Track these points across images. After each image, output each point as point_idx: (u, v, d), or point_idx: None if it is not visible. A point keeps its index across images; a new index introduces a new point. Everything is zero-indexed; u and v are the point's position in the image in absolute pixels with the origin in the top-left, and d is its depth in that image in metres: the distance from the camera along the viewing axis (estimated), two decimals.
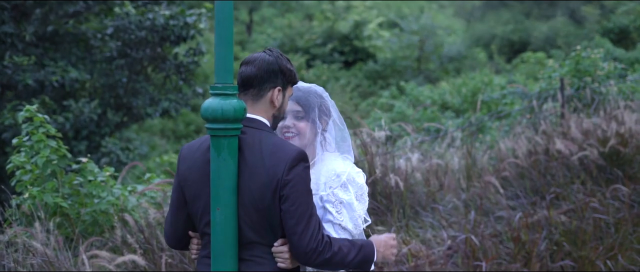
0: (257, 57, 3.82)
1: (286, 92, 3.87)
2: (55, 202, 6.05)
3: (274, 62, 3.79)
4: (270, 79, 3.79)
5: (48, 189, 6.13)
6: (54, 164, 6.14)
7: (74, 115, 12.23)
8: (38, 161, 6.09)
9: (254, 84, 3.78)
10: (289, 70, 3.84)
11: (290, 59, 3.93)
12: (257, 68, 3.77)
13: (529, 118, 10.56)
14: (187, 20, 12.87)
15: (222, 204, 3.74)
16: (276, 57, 3.81)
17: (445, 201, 8.51)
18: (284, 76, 3.82)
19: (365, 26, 34.32)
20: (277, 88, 3.79)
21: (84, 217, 6.30)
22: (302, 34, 34.83)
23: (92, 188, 6.41)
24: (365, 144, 7.97)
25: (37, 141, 6.16)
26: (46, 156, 6.08)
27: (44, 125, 6.27)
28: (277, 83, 3.80)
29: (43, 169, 6.11)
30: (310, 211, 3.64)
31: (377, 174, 7.81)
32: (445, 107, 18.49)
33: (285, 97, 3.88)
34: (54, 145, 6.22)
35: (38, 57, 12.70)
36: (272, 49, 3.87)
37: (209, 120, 3.74)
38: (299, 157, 3.65)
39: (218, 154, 3.73)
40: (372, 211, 7.88)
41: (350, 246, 3.76)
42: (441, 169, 8.93)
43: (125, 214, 6.30)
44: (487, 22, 33.31)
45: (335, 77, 30.67)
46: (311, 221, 3.62)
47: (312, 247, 3.60)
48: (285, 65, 3.82)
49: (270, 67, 3.78)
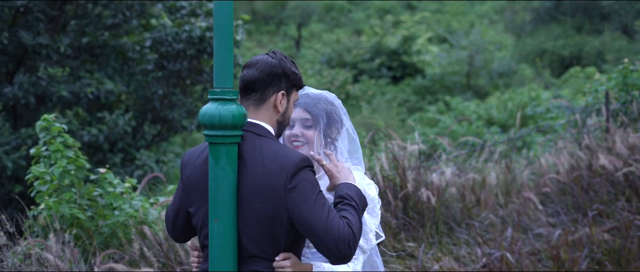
0: (260, 59, 3.62)
1: (291, 96, 3.66)
2: (72, 213, 5.92)
3: (277, 65, 3.59)
4: (273, 82, 3.58)
5: (65, 200, 6.00)
6: (71, 174, 6.00)
7: (108, 128, 12.19)
8: (55, 171, 5.96)
9: (256, 88, 3.58)
10: (293, 74, 3.63)
11: (295, 62, 3.72)
12: (259, 71, 3.57)
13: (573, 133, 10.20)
14: None
15: (221, 215, 3.54)
16: (280, 59, 3.61)
17: (482, 217, 8.22)
18: (288, 80, 3.61)
19: (413, 41, 34.03)
20: (280, 92, 3.59)
21: (103, 230, 6.16)
22: (350, 49, 34.64)
23: (111, 199, 6.26)
24: (396, 157, 7.73)
25: (54, 150, 6.03)
26: (63, 166, 5.95)
27: (62, 134, 6.14)
28: (281, 87, 3.59)
29: (60, 180, 5.97)
30: (325, 209, 3.38)
31: (409, 188, 7.56)
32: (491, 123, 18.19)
33: (290, 103, 3.67)
34: (72, 155, 6.08)
35: (74, 68, 12.71)
36: (276, 51, 3.67)
37: (206, 126, 3.55)
38: (302, 163, 3.43)
39: (216, 162, 3.53)
40: (403, 226, 7.64)
41: (353, 212, 3.48)
42: (478, 184, 8.64)
43: (145, 226, 6.15)
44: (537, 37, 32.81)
45: (382, 92, 30.42)
46: (330, 219, 3.36)
47: (346, 237, 3.35)
48: (289, 68, 3.61)
49: (273, 70, 3.58)
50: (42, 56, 11.93)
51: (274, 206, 3.42)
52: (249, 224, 3.49)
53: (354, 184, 3.62)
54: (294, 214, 3.38)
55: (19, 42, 11.67)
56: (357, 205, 3.53)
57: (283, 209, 3.41)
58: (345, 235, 3.35)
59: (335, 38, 37.72)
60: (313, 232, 3.37)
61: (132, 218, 6.26)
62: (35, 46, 11.68)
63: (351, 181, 3.64)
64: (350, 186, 3.61)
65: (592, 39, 31.07)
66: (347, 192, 3.56)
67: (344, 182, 3.63)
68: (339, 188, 3.61)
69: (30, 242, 5.69)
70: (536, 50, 31.73)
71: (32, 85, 11.61)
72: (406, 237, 7.60)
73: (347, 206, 3.50)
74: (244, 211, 3.50)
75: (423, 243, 7.43)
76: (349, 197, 3.53)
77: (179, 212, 3.77)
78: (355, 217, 3.45)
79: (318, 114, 3.95)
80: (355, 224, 3.43)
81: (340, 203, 3.52)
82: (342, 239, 3.34)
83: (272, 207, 3.42)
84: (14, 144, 11.15)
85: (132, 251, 6.04)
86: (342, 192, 3.56)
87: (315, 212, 3.36)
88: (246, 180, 3.48)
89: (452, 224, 8.02)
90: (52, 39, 12.05)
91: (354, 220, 3.44)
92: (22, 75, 11.65)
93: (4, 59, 12.06)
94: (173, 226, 3.81)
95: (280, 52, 3.67)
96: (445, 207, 8.12)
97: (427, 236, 7.59)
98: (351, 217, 3.44)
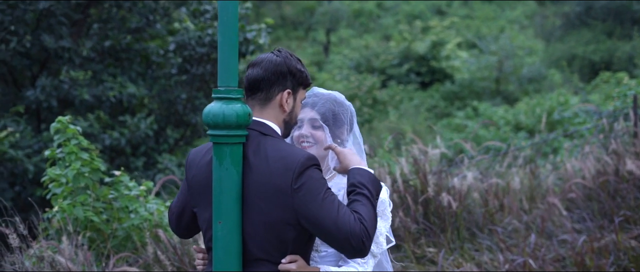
0: (264, 58, 3.53)
1: (297, 95, 3.57)
2: (86, 216, 5.86)
3: (282, 63, 3.50)
4: (278, 81, 3.50)
5: (79, 202, 5.94)
6: (85, 176, 5.95)
7: (129, 131, 12.18)
8: (69, 173, 5.90)
9: (261, 87, 3.50)
10: (299, 72, 3.54)
11: (301, 60, 3.63)
12: (263, 70, 3.49)
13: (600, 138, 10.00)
14: (247, 35, 12.73)
15: (225, 217, 3.45)
16: (284, 57, 3.52)
17: (505, 223, 8.06)
18: (293, 78, 3.52)
19: (442, 46, 33.86)
20: (286, 91, 3.50)
21: (117, 233, 6.09)
22: (378, 55, 34.55)
23: (126, 202, 6.20)
24: (417, 161, 7.60)
25: (69, 152, 5.98)
26: (77, 168, 5.89)
27: (77, 136, 6.09)
28: (286, 85, 3.51)
29: (74, 182, 5.92)
30: (334, 206, 3.28)
31: (429, 192, 7.43)
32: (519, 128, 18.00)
33: (297, 101, 3.58)
34: (87, 157, 6.02)
35: (97, 72, 12.72)
36: (281, 49, 3.58)
37: (210, 126, 3.47)
38: (308, 162, 3.33)
39: (220, 163, 3.44)
40: (424, 231, 7.51)
41: (365, 203, 3.38)
42: (502, 189, 8.48)
43: (160, 230, 6.08)
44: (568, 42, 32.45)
45: (410, 98, 30.27)
46: (340, 216, 3.26)
47: (358, 233, 3.24)
48: (295, 66, 3.52)
49: (278, 68, 3.49)
50: (64, 60, 11.93)
51: (280, 206, 3.33)
52: (254, 226, 3.41)
53: (366, 169, 3.52)
54: (303, 213, 3.29)
55: (41, 46, 11.70)
56: (370, 193, 3.42)
57: (290, 209, 3.32)
58: (357, 230, 3.25)
59: (363, 43, 37.64)
60: (324, 230, 3.28)
61: (147, 221, 6.19)
62: (57, 49, 11.70)
63: (363, 166, 3.54)
64: (363, 172, 3.51)
65: (623, 44, 30.69)
66: (359, 180, 3.45)
67: (355, 167, 3.53)
68: (351, 174, 3.51)
69: (43, 245, 5.64)
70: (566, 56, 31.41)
71: (54, 88, 11.62)
72: (427, 243, 7.47)
73: (359, 196, 3.40)
74: (249, 213, 3.41)
75: (443, 248, 7.30)
76: (361, 185, 3.43)
77: (184, 211, 3.72)
78: (368, 208, 3.36)
79: (327, 115, 3.85)
80: (368, 216, 3.33)
81: (353, 193, 3.43)
82: (355, 235, 3.25)
83: (278, 208, 3.33)
84: (36, 148, 11.17)
85: (146, 254, 5.97)
86: (354, 180, 3.46)
87: (324, 210, 3.27)
88: (251, 181, 3.40)
89: (475, 229, 7.88)
90: (75, 42, 12.06)
91: (367, 212, 3.34)
92: (45, 79, 11.67)
93: (27, 63, 12.09)
94: (177, 224, 3.76)
95: (286, 50, 3.58)
96: (468, 212, 7.98)
97: (448, 241, 7.46)
98: (364, 209, 3.34)
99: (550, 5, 39.34)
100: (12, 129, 10.89)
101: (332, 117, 3.85)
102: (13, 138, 10.62)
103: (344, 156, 3.61)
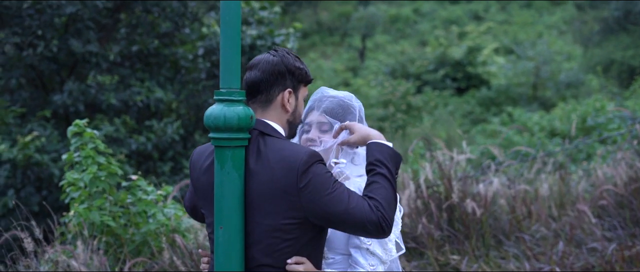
0: (261, 59, 3.45)
1: (299, 93, 3.49)
2: (103, 220, 5.81)
3: (280, 63, 3.42)
4: (277, 81, 3.42)
5: (95, 206, 5.89)
6: (101, 180, 5.90)
7: (156, 136, 12.16)
8: (85, 177, 5.86)
9: (260, 89, 3.42)
10: (298, 69, 3.45)
11: (299, 57, 3.54)
12: (261, 72, 3.41)
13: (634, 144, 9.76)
14: (275, 40, 12.66)
15: (226, 222, 3.37)
16: (281, 56, 3.43)
17: (533, 230, 7.88)
18: (293, 76, 3.44)
19: (479, 52, 33.58)
20: (287, 90, 3.42)
21: (135, 238, 6.04)
22: (414, 60, 34.36)
23: (143, 206, 6.14)
24: (441, 166, 7.46)
25: (85, 156, 5.93)
26: (93, 172, 5.84)
27: (94, 140, 6.04)
28: (286, 85, 3.43)
29: (90, 186, 5.87)
30: (344, 196, 3.22)
31: (454, 198, 7.28)
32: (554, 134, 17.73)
33: (299, 100, 3.50)
34: (104, 161, 5.98)
35: (125, 77, 12.73)
36: (277, 49, 3.50)
37: (211, 128, 3.39)
38: (311, 159, 3.25)
39: (222, 166, 3.36)
40: (448, 238, 7.37)
41: (383, 183, 3.34)
42: (529, 196, 8.29)
43: (177, 235, 6.01)
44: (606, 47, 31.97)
45: (445, 104, 30.05)
46: (357, 202, 3.22)
47: (374, 220, 3.20)
48: (293, 64, 3.44)
49: (275, 68, 3.41)
50: (91, 64, 11.97)
51: (287, 208, 3.26)
52: (259, 231, 3.33)
53: (386, 144, 3.47)
54: (313, 211, 3.23)
55: (69, 50, 11.73)
56: (389, 171, 3.37)
57: (298, 209, 3.25)
58: (373, 218, 3.20)
59: (399, 49, 37.47)
60: (338, 223, 3.24)
61: (164, 226, 6.12)
62: (84, 54, 11.72)
63: (383, 140, 3.49)
64: (382, 147, 3.45)
65: None
66: (378, 157, 3.40)
67: (374, 141, 3.48)
68: (370, 150, 3.45)
69: (58, 249, 5.60)
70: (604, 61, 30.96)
71: (81, 93, 11.64)
72: (451, 250, 7.32)
73: (377, 177, 3.35)
74: (254, 217, 3.34)
75: (467, 256, 7.15)
76: (380, 163, 3.38)
77: (195, 207, 3.73)
78: (386, 190, 3.31)
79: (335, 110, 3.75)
80: (386, 199, 3.28)
81: (371, 172, 3.38)
82: (371, 222, 3.20)
83: (285, 210, 3.26)
84: (62, 152, 11.19)
85: (162, 260, 5.91)
86: (373, 157, 3.41)
87: (334, 204, 3.21)
88: (254, 183, 3.32)
89: (501, 236, 7.71)
90: (102, 47, 12.09)
91: (385, 194, 3.29)
92: (72, 83, 11.70)
93: (54, 67, 12.13)
94: (193, 216, 3.82)
95: (283, 48, 3.51)
96: (494, 219, 7.82)
97: (473, 248, 7.30)
98: (381, 193, 3.29)
99: (589, 10, 38.81)
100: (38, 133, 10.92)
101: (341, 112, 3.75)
102: (39, 142, 10.65)
103: (360, 128, 3.55)
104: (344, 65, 39.09)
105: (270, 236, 3.31)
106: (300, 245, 3.32)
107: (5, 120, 11.20)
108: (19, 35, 11.54)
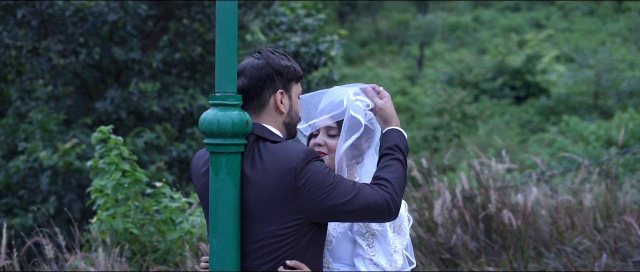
0: (246, 64, 3.35)
1: (291, 92, 3.38)
2: (126, 227, 5.75)
3: (265, 65, 3.31)
4: (266, 84, 3.31)
5: (119, 214, 5.83)
6: (125, 187, 5.84)
7: (197, 143, 12.15)
8: (108, 184, 5.80)
9: (251, 95, 3.32)
10: (285, 68, 3.34)
11: (286, 54, 3.43)
12: (248, 78, 3.30)
13: None
14: (320, 47, 12.52)
15: (221, 231, 3.25)
16: (266, 57, 3.32)
17: (575, 242, 7.60)
18: (281, 76, 3.33)
19: (538, 60, 33.04)
20: (278, 92, 3.31)
21: (160, 245, 5.96)
22: (471, 69, 33.98)
23: (169, 214, 6.07)
24: (479, 175, 7.24)
25: (109, 163, 5.87)
26: (117, 179, 5.78)
27: (119, 147, 5.99)
28: (277, 86, 3.32)
29: (113, 193, 5.81)
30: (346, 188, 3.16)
31: (490, 209, 7.05)
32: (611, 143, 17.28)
33: (293, 99, 3.39)
34: (128, 168, 5.91)
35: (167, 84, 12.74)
36: (261, 50, 3.39)
37: (205, 134, 3.29)
38: (307, 157, 3.15)
39: (216, 173, 3.25)
40: (484, 249, 7.14)
41: (396, 167, 3.33)
42: (574, 206, 8.01)
43: (202, 243, 5.92)
44: None
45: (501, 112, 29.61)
46: (359, 189, 3.17)
47: (380, 201, 3.17)
48: (279, 63, 3.32)
49: (262, 72, 3.30)
50: (134, 71, 12.01)
51: (287, 211, 3.16)
52: (259, 239, 3.22)
53: (403, 132, 3.46)
54: (315, 208, 3.14)
55: (111, 58, 11.79)
56: (405, 158, 3.39)
57: (300, 210, 3.15)
58: (378, 199, 3.18)
59: (458, 57, 37.12)
60: (344, 215, 3.18)
61: (188, 234, 6.04)
62: (127, 61, 11.77)
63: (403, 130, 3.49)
64: (402, 136, 3.44)
65: None
66: (397, 143, 3.40)
67: (396, 128, 3.46)
68: (390, 135, 3.43)
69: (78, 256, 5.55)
70: None
71: (123, 100, 11.69)
72: (487, 261, 7.10)
73: (393, 162, 3.34)
74: (252, 225, 3.23)
75: (504, 268, 6.92)
76: (398, 149, 3.38)
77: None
78: (398, 173, 3.30)
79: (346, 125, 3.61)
80: (396, 179, 3.28)
81: (386, 156, 3.37)
82: (377, 203, 3.18)
83: (285, 213, 3.16)
84: None
85: (185, 268, 5.82)
86: (393, 142, 3.41)
87: (337, 197, 3.13)
88: (251, 190, 3.22)
89: (542, 248, 7.45)
90: (145, 54, 12.12)
91: (396, 176, 3.29)
92: (114, 91, 11.75)
93: (97, 75, 12.22)
94: None
95: (267, 49, 3.39)
96: (535, 230, 7.56)
97: (510, 260, 7.06)
98: (392, 175, 3.28)
99: None
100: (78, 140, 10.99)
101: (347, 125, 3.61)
102: (80, 149, 10.70)
103: (388, 107, 3.51)
104: (401, 73, 38.88)
105: (268, 243, 3.20)
106: (300, 247, 3.22)
107: (48, 127, 11.29)
108: (62, 43, 11.64)
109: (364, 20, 47.44)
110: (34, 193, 10.81)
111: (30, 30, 11.73)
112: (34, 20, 11.58)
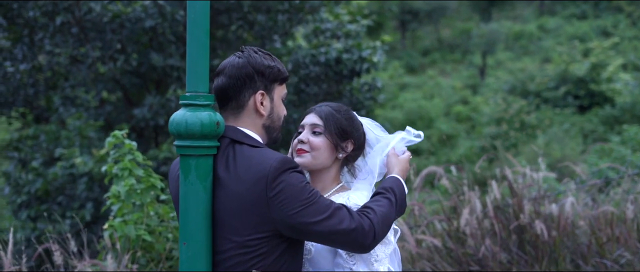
0: (226, 63, 3.18)
1: (273, 93, 3.21)
2: (138, 234, 5.63)
3: (246, 64, 3.13)
4: (245, 85, 3.13)
5: (132, 220, 5.71)
6: (138, 193, 5.72)
7: None
8: (121, 189, 5.69)
9: (229, 95, 3.14)
10: (268, 68, 3.16)
11: (271, 53, 3.25)
12: (228, 77, 3.13)
13: None
14: (362, 54, 12.32)
15: (190, 238, 3.10)
16: (247, 56, 3.14)
17: (616, 256, 7.25)
18: (262, 77, 3.15)
19: (603, 69, 32.20)
20: (258, 93, 3.14)
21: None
22: (533, 78, 33.31)
23: None
24: (512, 185, 6.94)
25: (123, 168, 5.77)
26: (130, 184, 5.67)
27: (133, 152, 5.88)
28: (257, 87, 3.14)
29: (126, 199, 5.70)
30: (322, 206, 2.97)
31: (522, 219, 6.76)
32: None
33: (275, 101, 3.21)
34: (142, 174, 5.80)
35: None
36: (244, 48, 3.21)
37: (174, 135, 3.14)
38: (282, 166, 2.96)
39: (185, 177, 3.10)
40: (516, 261, 6.84)
41: (384, 203, 3.13)
42: (616, 218, 7.64)
43: None
44: None
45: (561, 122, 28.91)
46: (334, 211, 2.98)
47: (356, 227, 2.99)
48: (261, 63, 3.14)
49: (242, 71, 3.13)
50: (172, 78, 11.99)
51: (255, 222, 2.97)
52: (227, 248, 3.05)
53: (402, 182, 3.31)
54: (284, 222, 2.94)
55: (150, 64, 11.78)
56: (397, 202, 3.19)
57: (269, 222, 2.95)
58: (353, 226, 2.99)
59: (521, 66, 36.47)
60: (316, 236, 2.98)
61: None
62: (165, 68, 11.76)
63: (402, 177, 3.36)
64: (400, 184, 3.28)
65: None
66: (391, 186, 3.23)
67: (397, 177, 3.33)
68: (388, 180, 3.30)
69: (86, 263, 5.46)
70: None
71: (161, 107, 11.66)
72: None
73: (380, 197, 3.17)
74: (222, 233, 3.06)
75: None
76: (391, 190, 3.20)
77: None
78: (385, 208, 3.11)
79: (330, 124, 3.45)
80: (380, 211, 3.08)
81: (380, 194, 3.20)
82: (355, 230, 2.99)
83: (254, 225, 2.97)
84: None
85: None
86: (388, 185, 3.25)
87: (309, 215, 2.93)
88: (222, 197, 3.05)
89: (579, 261, 7.12)
90: (182, 60, 12.09)
91: (383, 211, 3.10)
92: (152, 98, 11.74)
93: (136, 81, 12.23)
94: None
95: (250, 47, 3.21)
96: (573, 241, 7.23)
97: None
98: (377, 206, 3.10)
99: None
100: None
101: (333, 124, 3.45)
102: None
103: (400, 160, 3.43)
104: (463, 82, 38.35)
105: (237, 253, 3.03)
106: (271, 261, 3.03)
107: (85, 134, 11.32)
108: (100, 49, 11.68)
109: (426, 28, 46.99)
110: (72, 200, 10.83)
111: (70, 37, 11.79)
112: (74, 28, 11.64)
